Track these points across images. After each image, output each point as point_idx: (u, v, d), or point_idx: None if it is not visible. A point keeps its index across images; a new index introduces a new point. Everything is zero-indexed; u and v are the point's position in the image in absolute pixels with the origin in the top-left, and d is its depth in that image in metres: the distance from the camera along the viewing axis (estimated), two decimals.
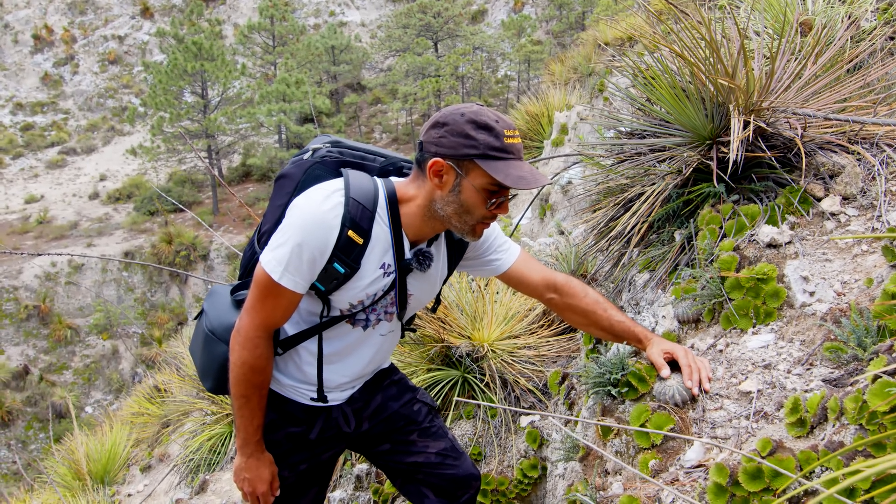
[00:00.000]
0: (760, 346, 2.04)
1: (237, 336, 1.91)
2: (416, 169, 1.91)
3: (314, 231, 1.79)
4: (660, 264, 2.75)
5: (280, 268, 1.81)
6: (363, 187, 1.86)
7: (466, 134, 1.76)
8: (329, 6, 45.87)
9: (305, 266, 1.82)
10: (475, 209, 1.83)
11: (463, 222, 1.86)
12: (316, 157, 2.00)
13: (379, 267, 1.92)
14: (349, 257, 1.83)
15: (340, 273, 1.84)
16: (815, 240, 2.28)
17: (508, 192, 1.86)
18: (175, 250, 28.01)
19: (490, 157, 1.76)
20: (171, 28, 31.16)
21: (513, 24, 40.48)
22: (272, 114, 29.54)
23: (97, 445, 6.34)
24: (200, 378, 2.18)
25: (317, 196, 1.82)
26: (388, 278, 1.95)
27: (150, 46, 45.17)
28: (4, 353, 25.88)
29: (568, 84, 10.61)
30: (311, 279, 1.86)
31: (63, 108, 43.73)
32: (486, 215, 1.85)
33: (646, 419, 1.87)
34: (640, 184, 2.93)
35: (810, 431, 1.67)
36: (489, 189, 1.80)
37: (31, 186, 36.84)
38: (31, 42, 45.91)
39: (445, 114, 1.83)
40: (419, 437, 2.31)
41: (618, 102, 5.31)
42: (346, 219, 1.80)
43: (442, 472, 2.30)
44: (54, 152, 40.15)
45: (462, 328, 3.50)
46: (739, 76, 2.61)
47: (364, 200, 1.84)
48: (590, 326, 2.22)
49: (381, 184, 1.92)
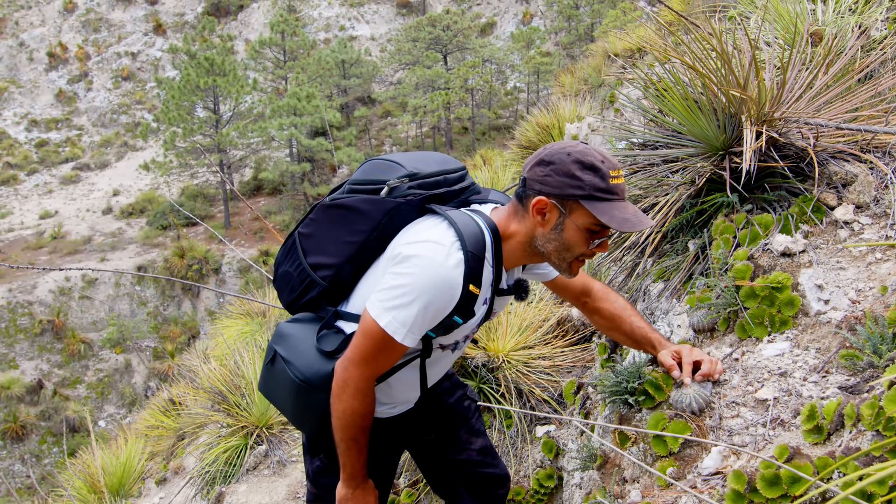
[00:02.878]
0: (776, 355, 2.05)
1: (346, 387, 1.89)
2: (517, 204, 1.88)
3: (442, 292, 1.77)
4: (674, 274, 2.77)
5: (404, 329, 1.79)
6: (473, 234, 1.83)
7: (573, 174, 1.75)
8: (339, 21, 46.27)
9: (428, 324, 1.82)
10: (576, 248, 1.83)
11: (562, 259, 1.86)
12: (397, 197, 1.93)
13: (483, 303, 1.93)
14: (467, 308, 1.84)
15: (459, 323, 1.86)
16: (828, 248, 2.29)
17: (609, 231, 1.84)
18: (187, 264, 28.18)
19: (595, 198, 1.75)
20: (184, 44, 31.55)
21: (522, 37, 40.69)
22: (283, 128, 29.78)
23: (112, 458, 6.37)
24: (296, 425, 2.18)
25: (438, 254, 1.77)
26: (485, 307, 1.96)
27: (163, 62, 45.70)
28: (19, 368, 26.07)
29: (578, 95, 10.66)
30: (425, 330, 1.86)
31: (77, 124, 44.24)
32: (585, 254, 1.85)
33: (663, 427, 1.89)
34: (653, 194, 2.96)
35: (827, 438, 1.68)
36: (591, 229, 1.80)
37: (46, 202, 37.24)
38: (46, 60, 46.56)
39: (552, 152, 1.81)
40: (466, 433, 2.36)
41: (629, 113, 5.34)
42: (468, 274, 1.79)
43: (482, 470, 2.34)
44: (68, 168, 40.59)
45: (477, 339, 3.53)
46: (751, 87, 2.64)
47: (477, 250, 1.82)
48: (612, 330, 2.24)
49: (483, 225, 1.88)
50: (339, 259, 1.98)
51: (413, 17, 44.04)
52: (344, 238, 1.97)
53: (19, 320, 27.10)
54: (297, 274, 2.07)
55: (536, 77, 38.18)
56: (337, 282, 2.01)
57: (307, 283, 2.05)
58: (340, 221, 1.98)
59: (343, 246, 1.97)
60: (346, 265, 1.98)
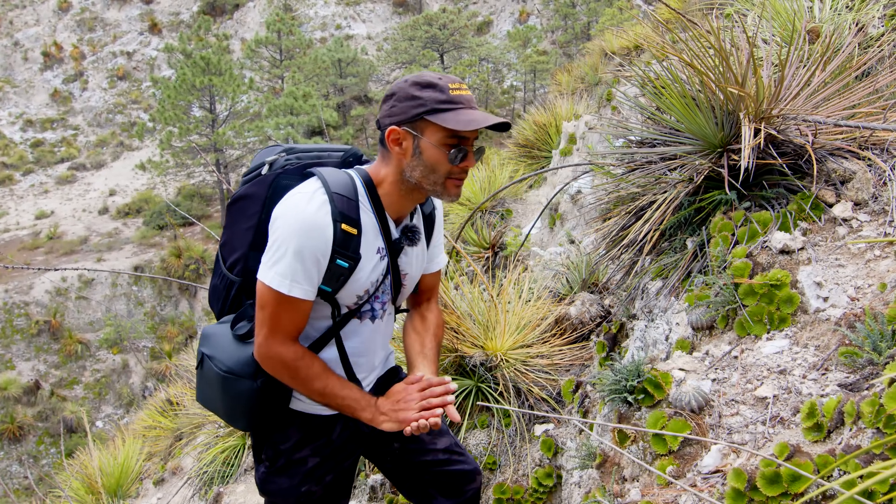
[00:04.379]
0: (775, 352, 2.05)
1: (265, 355, 1.90)
2: (381, 148, 1.94)
3: (310, 233, 1.80)
4: (672, 272, 2.77)
5: (287, 281, 1.81)
6: (340, 180, 1.89)
7: (413, 96, 1.82)
8: (335, 20, 46.21)
9: (312, 270, 1.83)
10: (439, 166, 1.86)
11: (433, 182, 1.89)
12: (276, 169, 2.02)
13: (376, 252, 1.95)
14: (349, 250, 1.86)
15: (344, 268, 1.87)
16: (827, 245, 2.29)
17: (470, 144, 1.88)
18: (184, 264, 28.13)
19: (439, 110, 1.81)
20: (180, 43, 31.47)
21: (518, 35, 40.69)
22: (280, 127, 29.72)
23: (110, 459, 6.35)
24: (229, 421, 2.15)
25: (299, 201, 1.83)
26: (384, 262, 1.99)
27: (159, 62, 45.60)
28: (16, 369, 26.01)
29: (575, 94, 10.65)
30: (318, 283, 1.87)
31: (72, 124, 44.13)
32: (451, 170, 1.88)
33: (662, 425, 1.88)
34: (651, 192, 2.95)
35: (827, 436, 1.68)
36: (447, 143, 1.84)
37: (42, 202, 37.15)
38: (41, 59, 46.43)
39: (392, 86, 1.91)
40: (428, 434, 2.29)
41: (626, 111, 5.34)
42: (336, 213, 1.83)
43: (449, 468, 2.29)
44: (64, 168, 40.50)
45: (475, 338, 3.52)
46: (749, 84, 2.63)
47: (346, 192, 1.87)
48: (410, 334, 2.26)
49: (354, 174, 1.95)
50: (244, 249, 2.03)
51: (409, 16, 44.01)
52: (243, 226, 2.03)
53: (16, 321, 27.03)
54: (221, 281, 2.12)
55: (533, 76, 38.17)
56: (247, 273, 2.03)
57: (226, 284, 2.09)
58: (239, 213, 2.05)
59: (244, 234, 2.02)
60: (250, 253, 2.01)
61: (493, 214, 7.47)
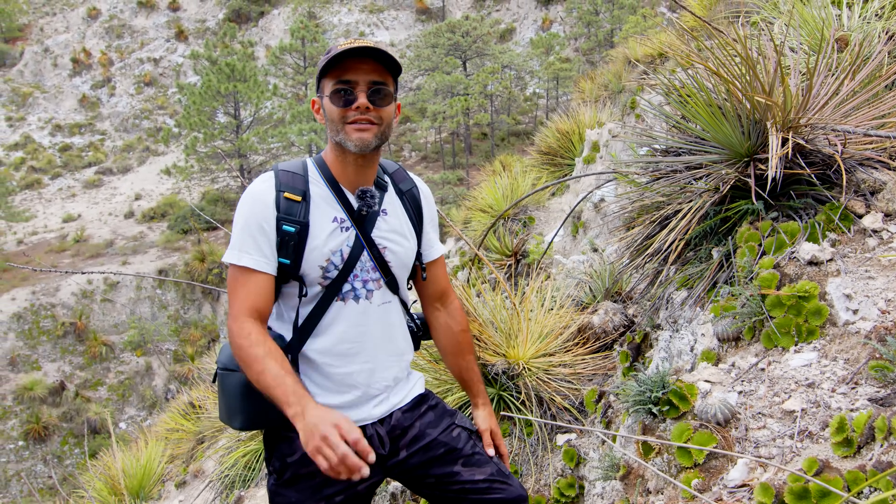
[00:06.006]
0: (803, 365, 2.02)
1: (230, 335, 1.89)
2: None
3: (252, 205, 1.91)
4: (698, 282, 2.74)
5: (236, 251, 1.90)
6: (291, 163, 2.03)
7: (318, 68, 1.95)
8: (359, 27, 46.49)
9: (260, 239, 1.89)
10: (334, 113, 1.93)
11: (337, 133, 1.94)
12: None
13: (332, 221, 1.97)
14: (293, 216, 1.92)
15: (291, 233, 1.90)
16: (857, 257, 2.26)
17: (356, 86, 1.92)
18: (208, 268, 28.37)
19: (326, 67, 1.91)
20: (205, 50, 31.83)
21: (541, 42, 40.64)
22: (303, 133, 29.93)
23: (132, 461, 6.41)
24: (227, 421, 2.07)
25: (252, 184, 1.97)
26: (347, 233, 1.98)
27: (185, 68, 46.18)
28: (41, 370, 26.39)
29: (598, 101, 10.60)
30: (270, 253, 1.91)
31: (100, 129, 44.82)
32: (344, 114, 1.92)
33: (688, 437, 1.86)
34: (676, 201, 2.93)
35: (857, 451, 1.65)
36: (335, 90, 1.92)
37: (69, 206, 37.73)
38: (70, 65, 47.25)
39: None
40: (463, 466, 2.18)
41: (650, 119, 5.31)
42: (279, 185, 1.94)
43: (490, 496, 2.16)
44: (91, 172, 41.12)
45: (497, 346, 3.50)
46: (777, 93, 2.61)
47: (293, 169, 2.00)
48: (447, 355, 2.35)
49: (308, 158, 2.08)
50: None
51: (432, 24, 44.16)
52: None
53: (42, 322, 27.44)
54: None
55: (556, 83, 38.10)
56: None
57: None
58: None
59: None
60: None
61: (516, 222, 7.45)
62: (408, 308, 2.24)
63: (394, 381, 2.16)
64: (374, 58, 1.91)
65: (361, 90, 1.92)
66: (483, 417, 2.30)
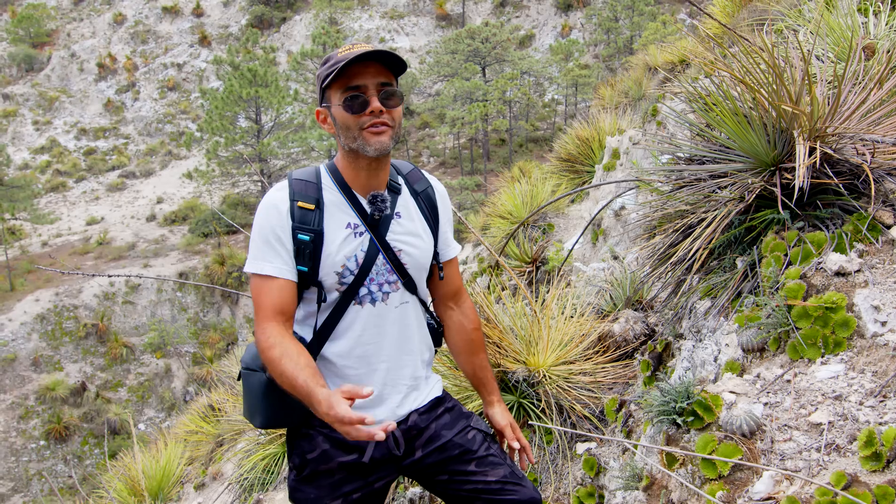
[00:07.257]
0: (830, 377, 2.00)
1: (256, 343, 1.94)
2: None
3: (268, 215, 1.95)
4: (722, 291, 2.72)
5: (256, 262, 1.93)
6: (304, 171, 2.06)
7: (318, 77, 1.96)
8: (380, 33, 46.74)
9: (277, 247, 1.93)
10: (346, 121, 1.93)
11: (353, 140, 1.95)
12: None
13: (345, 227, 1.99)
14: (308, 224, 1.94)
15: (307, 241, 1.93)
16: (885, 268, 2.22)
17: (367, 90, 1.92)
18: (227, 271, 28.61)
19: (329, 75, 1.91)
20: (228, 56, 32.15)
21: (560, 49, 40.60)
22: (323, 138, 30.13)
23: (152, 462, 6.46)
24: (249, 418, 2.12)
25: (266, 195, 2.01)
26: (361, 238, 2.00)
27: (207, 73, 46.70)
28: (63, 370, 26.71)
29: (618, 108, 10.56)
30: (289, 261, 1.94)
31: (124, 133, 45.41)
32: (360, 121, 1.92)
33: (713, 449, 1.85)
34: (700, 210, 2.90)
35: (886, 466, 1.62)
36: (344, 98, 1.92)
37: (93, 209, 38.25)
38: (96, 70, 47.96)
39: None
40: (477, 466, 2.21)
41: (672, 127, 5.28)
42: (293, 194, 1.97)
43: (502, 498, 2.22)
44: (115, 176, 41.66)
45: (517, 353, 3.49)
46: (804, 102, 2.58)
47: (306, 177, 2.03)
48: (460, 355, 2.37)
49: (322, 165, 2.11)
50: None
51: (452, 30, 44.28)
52: None
53: (65, 323, 27.80)
54: None
55: (575, 89, 38.05)
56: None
57: None
58: None
59: None
60: None
61: (535, 229, 7.43)
62: (427, 307, 2.26)
63: (414, 380, 2.18)
64: (378, 60, 1.93)
65: (372, 94, 1.93)
66: (500, 414, 2.34)
